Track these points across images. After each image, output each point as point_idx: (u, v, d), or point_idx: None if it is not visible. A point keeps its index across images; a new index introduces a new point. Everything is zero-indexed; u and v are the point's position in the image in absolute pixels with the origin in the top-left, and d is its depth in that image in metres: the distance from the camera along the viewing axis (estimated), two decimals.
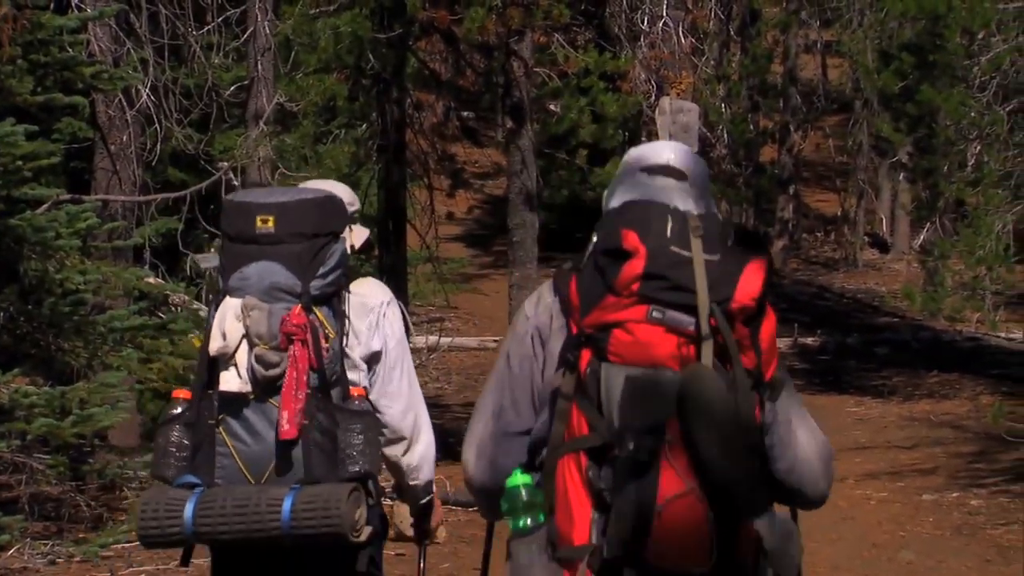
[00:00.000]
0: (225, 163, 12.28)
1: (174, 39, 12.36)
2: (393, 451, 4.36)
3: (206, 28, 12.69)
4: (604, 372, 3.17)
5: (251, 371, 4.10)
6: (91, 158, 11.62)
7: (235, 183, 12.60)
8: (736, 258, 3.20)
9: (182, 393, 4.21)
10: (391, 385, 4.32)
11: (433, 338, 19.03)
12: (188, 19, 12.40)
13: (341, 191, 4.43)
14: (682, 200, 3.32)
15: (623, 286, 3.17)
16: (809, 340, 20.33)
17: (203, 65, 12.55)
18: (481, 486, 3.42)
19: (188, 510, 4.00)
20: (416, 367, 4.56)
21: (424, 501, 4.51)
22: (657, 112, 24.73)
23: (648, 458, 3.09)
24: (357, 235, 4.45)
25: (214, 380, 4.14)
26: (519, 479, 3.27)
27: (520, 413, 3.35)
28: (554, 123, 16.24)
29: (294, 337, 4.07)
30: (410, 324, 3.98)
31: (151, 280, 11.28)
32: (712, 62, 25.14)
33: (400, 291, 15.07)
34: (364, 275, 4.50)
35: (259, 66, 12.49)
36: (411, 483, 4.45)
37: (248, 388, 4.11)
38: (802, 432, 3.34)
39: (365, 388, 4.20)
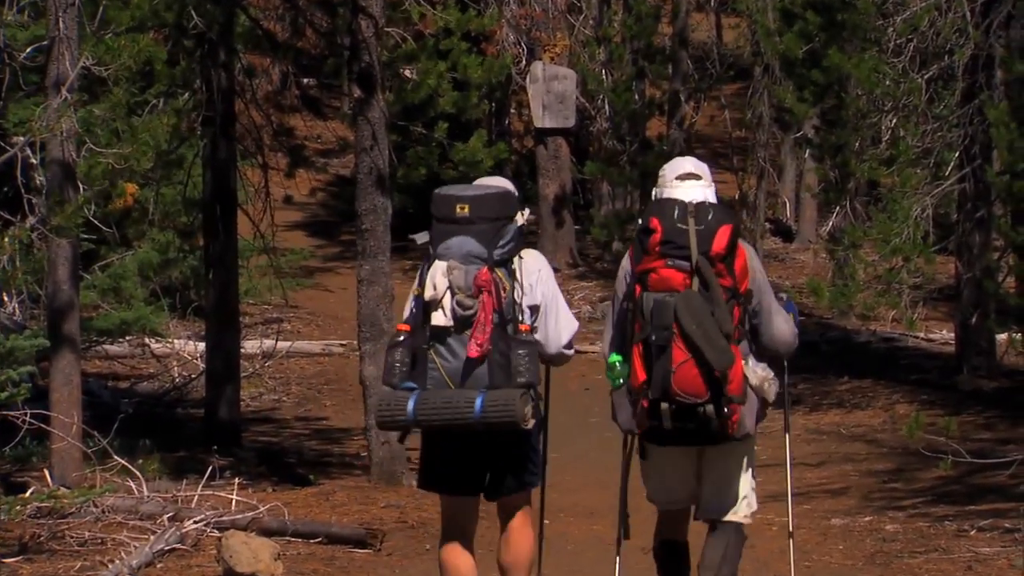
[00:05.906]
0: (22, 138, 12.00)
1: None
2: (550, 356, 7.48)
3: None
4: (645, 297, 7.06)
5: (453, 311, 7.10)
6: None
7: (33, 161, 12.32)
8: (713, 226, 7.06)
9: (403, 327, 7.21)
10: (548, 323, 7.36)
11: (269, 342, 18.74)
12: None
13: (509, 185, 7.47)
14: (698, 194, 7.26)
15: (651, 248, 7.06)
16: None
17: None
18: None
19: (410, 404, 7.03)
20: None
21: (566, 350, 7.52)
22: (528, 79, 24.78)
23: (665, 343, 7.00)
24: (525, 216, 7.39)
25: (427, 318, 7.13)
26: (614, 358, 7.27)
27: (625, 321, 7.22)
28: (409, 91, 16.06)
29: (483, 288, 7.07)
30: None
31: None
32: (591, 22, 25.24)
33: (229, 286, 14.86)
34: (526, 246, 7.43)
35: (61, 24, 12.22)
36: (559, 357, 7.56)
37: (451, 323, 7.12)
38: (777, 318, 7.40)
39: (529, 325, 7.20)
